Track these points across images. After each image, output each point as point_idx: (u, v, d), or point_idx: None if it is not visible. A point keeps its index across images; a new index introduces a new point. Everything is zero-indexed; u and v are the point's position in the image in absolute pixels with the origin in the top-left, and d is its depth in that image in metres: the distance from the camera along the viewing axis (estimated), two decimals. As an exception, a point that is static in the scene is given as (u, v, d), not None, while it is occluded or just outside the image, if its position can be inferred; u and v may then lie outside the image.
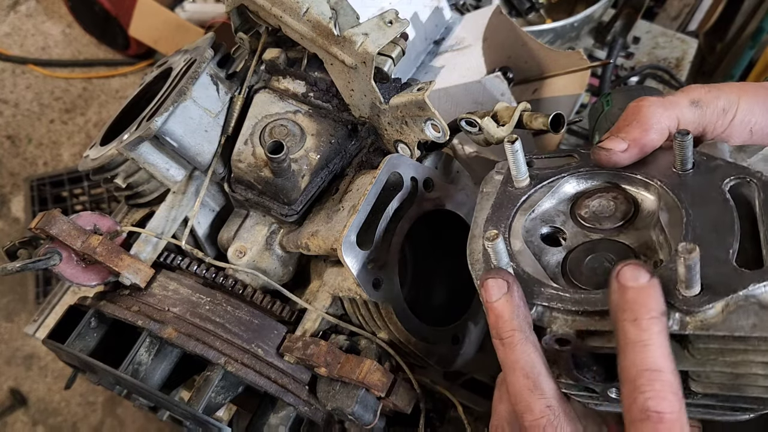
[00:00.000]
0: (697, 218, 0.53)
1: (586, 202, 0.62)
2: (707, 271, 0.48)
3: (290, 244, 0.83)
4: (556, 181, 0.64)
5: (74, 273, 0.77)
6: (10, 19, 2.96)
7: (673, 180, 0.57)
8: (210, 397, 0.74)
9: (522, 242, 0.60)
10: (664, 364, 0.45)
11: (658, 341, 0.45)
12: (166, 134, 0.79)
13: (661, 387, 0.44)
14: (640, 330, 0.45)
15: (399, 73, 1.00)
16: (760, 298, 0.47)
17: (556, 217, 0.63)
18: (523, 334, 0.51)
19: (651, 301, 0.46)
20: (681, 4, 1.97)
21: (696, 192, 0.55)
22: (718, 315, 0.48)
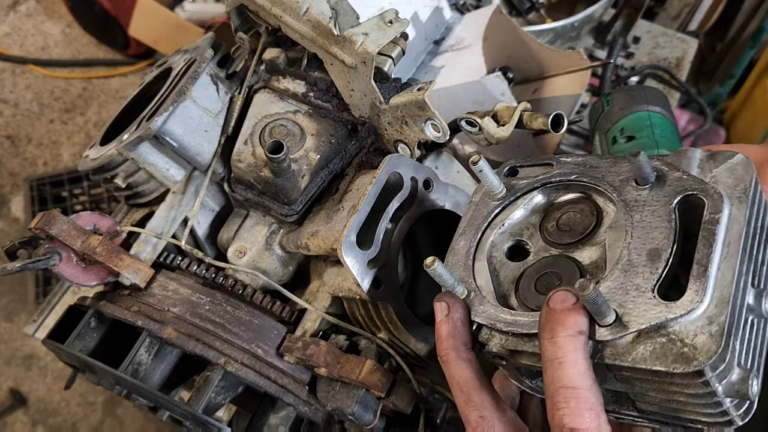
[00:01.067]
0: (637, 240, 0.51)
1: (555, 215, 0.61)
2: (627, 300, 0.47)
3: (290, 244, 0.83)
4: (529, 192, 0.63)
5: (74, 273, 0.77)
6: (10, 19, 2.96)
7: (630, 194, 0.54)
8: (210, 397, 0.74)
9: (484, 257, 0.60)
10: (580, 381, 0.45)
11: (573, 359, 0.46)
12: (166, 134, 0.78)
13: (576, 404, 0.45)
14: (556, 347, 0.46)
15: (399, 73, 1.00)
16: (667, 330, 0.45)
17: (525, 230, 0.62)
18: (456, 352, 0.55)
19: (569, 320, 0.47)
20: (681, 3, 1.97)
21: (646, 209, 0.52)
22: (627, 345, 0.47)
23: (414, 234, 0.93)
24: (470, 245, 0.61)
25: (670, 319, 0.45)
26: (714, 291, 0.45)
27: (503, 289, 0.59)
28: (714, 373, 0.43)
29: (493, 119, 0.75)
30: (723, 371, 0.44)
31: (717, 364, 0.43)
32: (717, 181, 0.51)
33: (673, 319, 0.45)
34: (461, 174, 0.89)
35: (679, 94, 1.50)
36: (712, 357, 0.42)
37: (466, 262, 0.60)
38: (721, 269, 0.46)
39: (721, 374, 0.44)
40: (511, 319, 0.52)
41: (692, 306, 0.44)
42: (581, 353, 0.46)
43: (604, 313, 0.47)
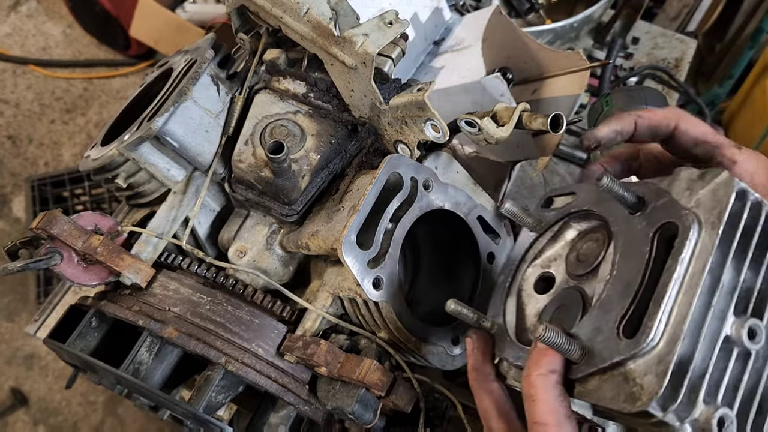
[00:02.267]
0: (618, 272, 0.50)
1: (578, 245, 0.60)
2: (599, 338, 0.47)
3: (290, 244, 0.83)
4: (556, 224, 0.63)
5: (75, 273, 0.78)
6: (11, 20, 2.96)
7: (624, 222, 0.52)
8: (210, 397, 0.74)
9: (515, 292, 0.62)
10: (549, 418, 0.48)
11: (543, 396, 0.48)
12: (167, 134, 0.79)
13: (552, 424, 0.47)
14: (529, 386, 0.50)
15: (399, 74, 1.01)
16: (624, 369, 0.44)
17: (553, 261, 0.62)
18: (478, 383, 0.60)
19: (542, 360, 0.49)
20: (680, 4, 1.97)
21: (630, 239, 0.50)
22: (595, 383, 0.47)
23: (414, 234, 0.93)
24: (506, 281, 0.64)
25: (624, 358, 0.44)
26: (667, 329, 0.43)
27: (527, 322, 0.60)
28: (665, 412, 0.41)
29: (493, 120, 0.75)
30: (679, 410, 0.41)
31: (666, 403, 0.41)
32: (699, 204, 0.47)
33: (627, 359, 0.43)
34: (461, 174, 0.89)
35: (678, 95, 1.50)
36: (654, 397, 0.41)
37: (500, 298, 0.63)
38: (678, 306, 0.43)
39: (677, 413, 0.41)
40: (524, 355, 0.54)
41: (640, 345, 0.42)
42: (552, 391, 0.48)
43: (570, 351, 0.47)
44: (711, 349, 0.43)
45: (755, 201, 0.45)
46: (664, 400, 0.41)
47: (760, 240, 0.45)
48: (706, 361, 0.43)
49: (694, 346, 0.42)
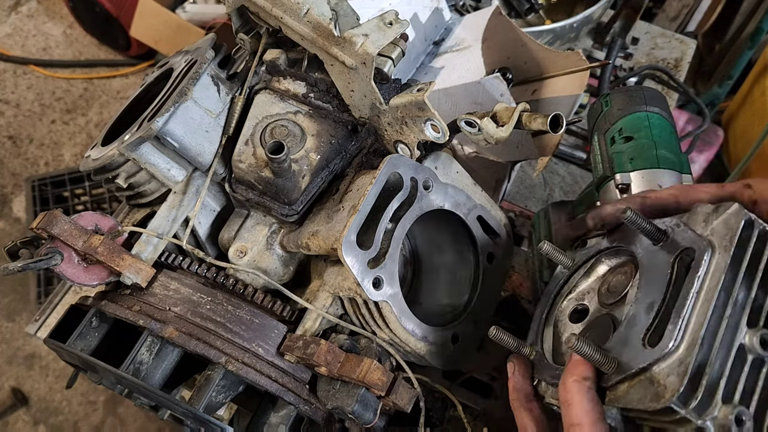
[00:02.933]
0: (643, 295, 0.56)
1: (609, 278, 0.66)
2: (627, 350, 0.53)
3: (291, 244, 0.83)
4: (588, 261, 0.69)
5: (75, 273, 0.78)
6: (12, 20, 2.96)
7: (649, 253, 0.60)
8: (211, 397, 0.74)
9: (552, 323, 0.68)
10: (584, 419, 0.52)
11: (578, 400, 0.53)
12: (167, 135, 0.79)
13: (578, 424, 0.52)
14: (565, 391, 0.55)
15: (399, 74, 1.01)
16: (650, 374, 0.50)
17: (587, 294, 0.68)
18: (519, 402, 0.64)
19: (576, 369, 0.55)
20: (680, 4, 1.98)
21: (653, 266, 0.58)
22: (624, 390, 0.52)
23: (414, 234, 0.93)
24: (543, 313, 0.69)
25: (649, 363, 0.49)
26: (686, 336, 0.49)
27: (564, 348, 0.66)
28: (686, 408, 0.46)
29: (493, 120, 0.75)
30: (699, 407, 0.46)
31: (687, 401, 0.47)
32: (714, 232, 0.54)
33: (652, 364, 0.49)
34: (461, 174, 0.89)
35: (677, 95, 1.50)
36: (675, 394, 0.46)
37: (538, 328, 0.69)
38: (696, 315, 0.49)
39: (698, 410, 0.46)
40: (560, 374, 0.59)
41: (664, 351, 0.49)
42: (585, 395, 0.53)
43: (601, 362, 0.54)
44: (727, 355, 0.48)
45: (762, 229, 0.52)
46: (684, 397, 0.46)
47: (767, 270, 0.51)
48: (723, 365, 0.48)
49: (710, 352, 0.48)
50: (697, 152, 2.11)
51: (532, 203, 1.34)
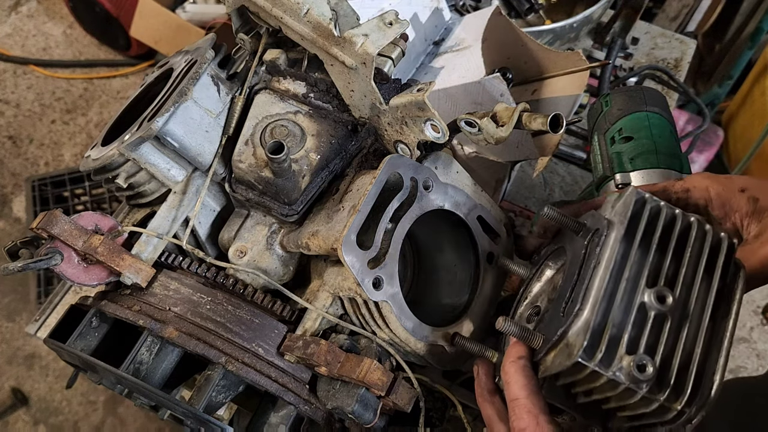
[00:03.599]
0: (567, 276, 0.63)
1: (555, 278, 0.72)
2: (552, 326, 0.59)
3: (291, 243, 0.83)
4: (538, 268, 0.75)
5: (75, 273, 0.78)
6: (12, 20, 2.96)
7: (573, 243, 0.67)
8: (211, 396, 0.74)
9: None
10: (520, 393, 0.58)
11: (514, 378, 0.59)
12: (167, 135, 0.79)
13: (519, 410, 0.58)
14: (504, 373, 0.61)
15: (399, 74, 1.01)
16: (567, 339, 0.55)
17: (539, 297, 0.73)
18: (483, 398, 0.71)
19: (511, 351, 0.62)
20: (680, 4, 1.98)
21: (575, 253, 0.65)
22: (551, 360, 0.58)
23: (414, 234, 0.93)
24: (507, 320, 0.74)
25: (564, 330, 0.55)
26: (589, 299, 0.55)
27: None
28: (593, 362, 0.52)
29: (493, 120, 0.75)
30: (605, 360, 0.52)
31: (592, 355, 0.52)
32: (615, 213, 0.60)
33: (566, 330, 0.55)
34: (461, 174, 0.89)
35: (677, 95, 1.50)
36: (580, 350, 0.52)
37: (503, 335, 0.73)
38: (597, 281, 0.55)
39: (604, 363, 0.52)
40: None
41: (572, 315, 0.55)
42: (520, 372, 0.59)
43: (527, 338, 0.61)
44: (627, 312, 0.54)
45: (656, 204, 0.58)
46: (590, 352, 0.52)
47: (663, 231, 0.57)
48: (624, 322, 0.53)
49: (611, 311, 0.53)
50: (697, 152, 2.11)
51: (532, 203, 1.34)
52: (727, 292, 0.56)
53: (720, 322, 0.54)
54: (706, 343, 0.53)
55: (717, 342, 0.54)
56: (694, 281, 0.55)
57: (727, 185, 0.65)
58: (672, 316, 0.54)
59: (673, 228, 0.58)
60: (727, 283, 0.56)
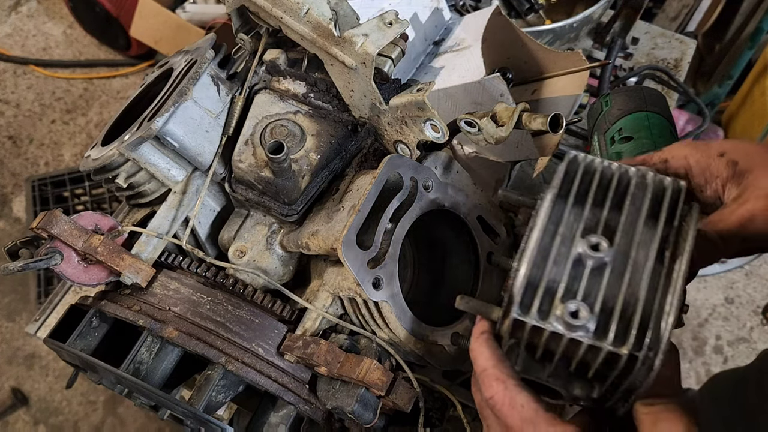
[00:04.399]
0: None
1: None
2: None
3: (290, 243, 0.83)
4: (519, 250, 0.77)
5: (75, 273, 0.78)
6: (12, 20, 2.96)
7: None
8: (211, 396, 0.74)
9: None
10: (486, 364, 0.58)
11: (480, 351, 0.60)
12: (167, 134, 0.79)
13: (486, 379, 0.58)
14: (471, 351, 0.61)
15: (399, 74, 1.01)
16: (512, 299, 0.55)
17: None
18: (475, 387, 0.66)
19: (475, 328, 0.62)
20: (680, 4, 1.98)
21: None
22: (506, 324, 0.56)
23: (414, 234, 0.93)
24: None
25: (507, 294, 0.55)
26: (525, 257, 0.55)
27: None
28: (528, 315, 0.52)
29: (492, 120, 0.76)
30: (541, 313, 0.52)
31: (528, 309, 0.52)
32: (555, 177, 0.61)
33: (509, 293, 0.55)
34: (461, 174, 0.89)
35: (677, 95, 1.50)
36: (514, 303, 0.53)
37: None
38: (533, 240, 0.55)
39: (541, 315, 0.52)
40: None
41: (512, 274, 0.55)
42: (484, 345, 0.59)
43: (483, 311, 0.61)
44: (563, 264, 0.53)
45: (590, 162, 0.58)
46: (524, 306, 0.52)
47: (601, 185, 0.57)
48: (560, 273, 0.53)
49: (545, 266, 0.54)
50: (697, 152, 2.10)
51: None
52: (678, 232, 0.55)
53: (671, 264, 0.53)
54: (652, 285, 0.52)
55: (669, 283, 0.52)
56: (635, 228, 0.54)
57: (705, 151, 0.63)
58: (613, 264, 0.53)
59: (611, 181, 0.57)
60: (677, 225, 0.55)
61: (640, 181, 0.57)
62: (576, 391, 0.57)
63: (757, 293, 2.23)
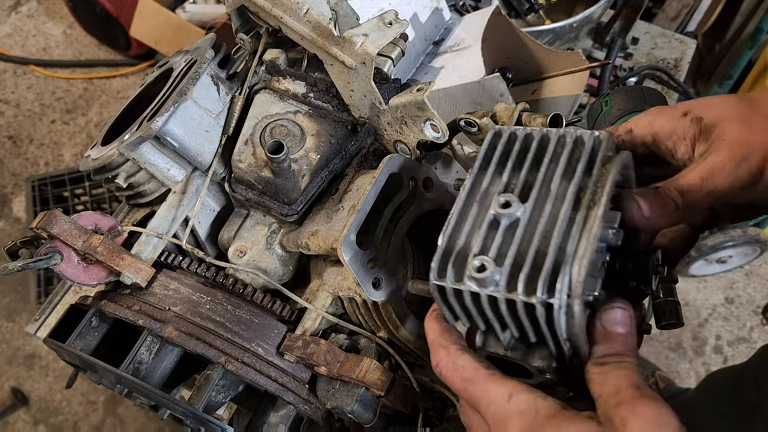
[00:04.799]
0: None
1: None
2: None
3: (290, 243, 0.83)
4: None
5: (75, 272, 0.78)
6: (12, 20, 2.96)
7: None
8: (210, 396, 0.74)
9: None
10: (433, 336, 0.59)
11: (429, 327, 0.60)
12: (167, 134, 0.79)
13: (434, 349, 0.58)
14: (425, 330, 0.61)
15: (399, 74, 1.01)
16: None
17: None
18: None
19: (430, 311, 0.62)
20: (680, 4, 1.97)
21: None
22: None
23: (413, 234, 0.93)
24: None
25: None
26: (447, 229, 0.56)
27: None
28: (446, 281, 0.53)
29: (492, 120, 0.76)
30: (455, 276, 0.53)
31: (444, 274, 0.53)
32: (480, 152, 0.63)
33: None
34: (460, 174, 0.89)
35: (677, 95, 1.50)
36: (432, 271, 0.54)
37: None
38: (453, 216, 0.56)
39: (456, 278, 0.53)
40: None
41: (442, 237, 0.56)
42: (434, 321, 0.60)
43: (425, 290, 0.63)
44: (477, 228, 0.54)
45: (513, 133, 0.59)
46: (441, 273, 0.54)
47: (520, 152, 0.58)
48: (472, 236, 0.54)
49: (461, 232, 0.55)
50: (697, 152, 2.10)
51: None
52: (597, 181, 0.53)
53: (588, 211, 0.52)
54: (566, 234, 0.51)
55: (584, 229, 0.51)
56: (552, 183, 0.54)
57: (669, 114, 0.60)
58: (528, 219, 0.53)
59: (531, 145, 0.57)
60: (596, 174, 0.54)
61: (559, 139, 0.57)
62: (536, 362, 0.56)
63: (757, 293, 2.23)
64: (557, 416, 0.49)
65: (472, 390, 0.55)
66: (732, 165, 0.54)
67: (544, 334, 0.53)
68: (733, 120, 0.56)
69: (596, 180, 0.53)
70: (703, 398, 1.27)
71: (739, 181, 0.54)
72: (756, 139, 0.54)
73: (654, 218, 0.56)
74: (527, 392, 0.52)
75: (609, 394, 0.48)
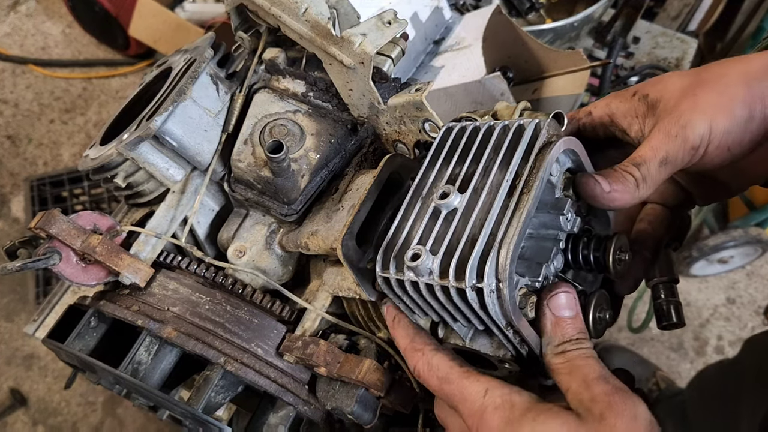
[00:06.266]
0: None
1: None
2: None
3: (290, 243, 0.83)
4: None
5: (74, 272, 0.77)
6: (10, 19, 2.96)
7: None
8: (210, 397, 0.74)
9: None
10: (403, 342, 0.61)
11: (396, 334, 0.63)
12: (166, 134, 0.79)
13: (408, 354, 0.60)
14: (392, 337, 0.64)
15: (399, 73, 1.01)
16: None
17: None
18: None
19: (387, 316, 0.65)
20: (681, 4, 1.97)
21: None
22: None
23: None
24: None
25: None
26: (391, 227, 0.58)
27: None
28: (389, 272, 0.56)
29: (493, 118, 0.75)
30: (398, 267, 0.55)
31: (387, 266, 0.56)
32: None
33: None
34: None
35: (678, 94, 1.49)
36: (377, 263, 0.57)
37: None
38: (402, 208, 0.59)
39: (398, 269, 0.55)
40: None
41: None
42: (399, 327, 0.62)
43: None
44: (419, 221, 0.56)
45: (461, 128, 0.61)
46: (383, 264, 0.56)
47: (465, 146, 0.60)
48: (416, 228, 0.56)
49: (404, 224, 0.57)
50: (698, 152, 2.10)
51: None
52: (533, 167, 0.54)
53: (521, 196, 0.53)
54: (499, 220, 0.52)
55: (514, 215, 0.52)
56: (491, 172, 0.55)
57: (622, 95, 0.63)
58: (465, 208, 0.54)
59: (476, 138, 0.59)
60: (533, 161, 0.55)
61: (502, 131, 0.58)
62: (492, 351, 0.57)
63: (759, 293, 2.23)
64: (533, 410, 0.50)
65: (447, 388, 0.56)
66: (676, 130, 0.56)
67: (485, 322, 0.54)
68: (675, 91, 0.58)
69: (531, 166, 0.54)
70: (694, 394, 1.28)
71: (688, 147, 0.56)
72: (698, 106, 0.56)
73: (616, 194, 0.57)
74: (502, 387, 0.53)
75: (579, 387, 0.49)
